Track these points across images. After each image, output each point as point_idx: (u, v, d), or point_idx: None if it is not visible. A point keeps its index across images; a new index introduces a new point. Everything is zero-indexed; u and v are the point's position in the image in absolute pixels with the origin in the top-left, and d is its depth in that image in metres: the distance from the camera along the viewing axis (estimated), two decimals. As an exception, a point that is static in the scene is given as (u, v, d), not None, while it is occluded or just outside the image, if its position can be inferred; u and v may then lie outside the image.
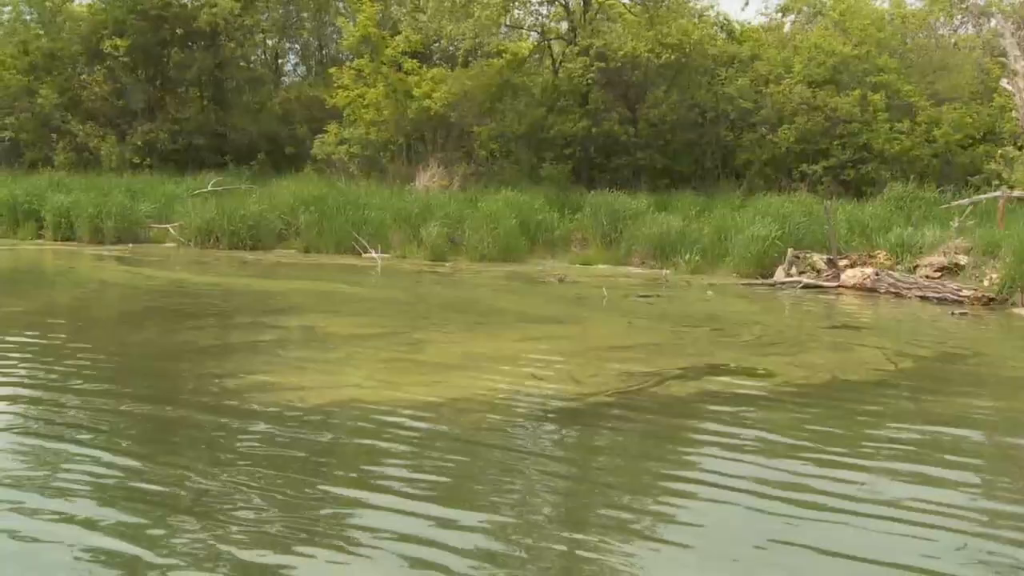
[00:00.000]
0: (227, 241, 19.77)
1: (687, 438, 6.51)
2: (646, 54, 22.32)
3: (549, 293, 14.81)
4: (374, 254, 18.76)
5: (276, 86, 32.89)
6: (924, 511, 5.12)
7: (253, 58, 33.04)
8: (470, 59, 25.94)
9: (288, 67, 35.87)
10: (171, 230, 20.84)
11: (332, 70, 27.03)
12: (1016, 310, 13.68)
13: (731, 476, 5.59)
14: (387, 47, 25.21)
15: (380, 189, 22.44)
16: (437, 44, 28.70)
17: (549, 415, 6.90)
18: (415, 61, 25.56)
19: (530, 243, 20.09)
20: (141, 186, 22.94)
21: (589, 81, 23.24)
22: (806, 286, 16.25)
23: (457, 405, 7.06)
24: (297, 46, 34.96)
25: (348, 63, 27.68)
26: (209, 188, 22.81)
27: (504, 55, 24.58)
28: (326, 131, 25.75)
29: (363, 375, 7.87)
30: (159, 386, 7.57)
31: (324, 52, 34.26)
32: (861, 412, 7.35)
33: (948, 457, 6.26)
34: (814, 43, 23.27)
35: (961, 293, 14.53)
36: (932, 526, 4.93)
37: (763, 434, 6.60)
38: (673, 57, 22.51)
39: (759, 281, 16.91)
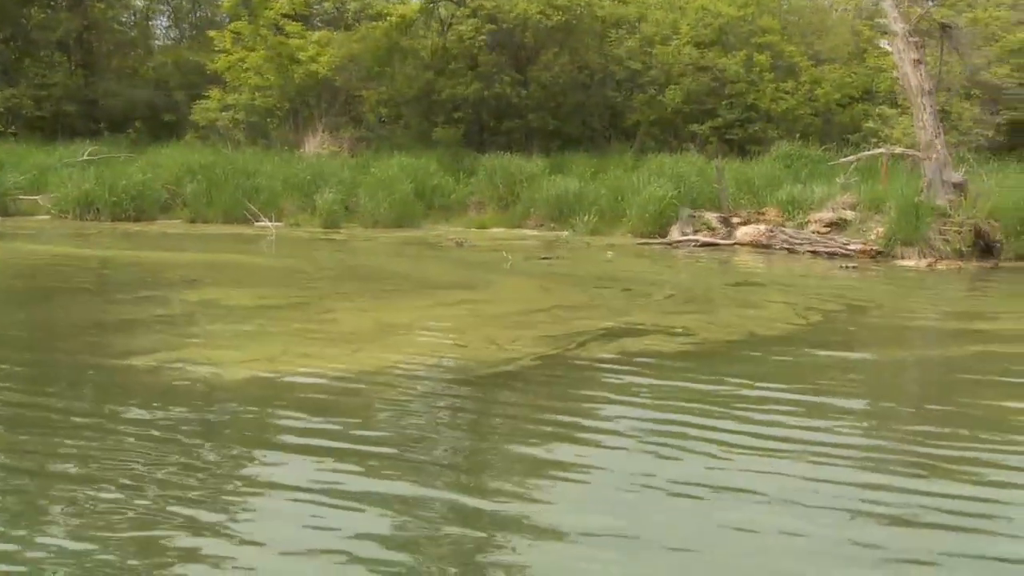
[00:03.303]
0: (108, 213, 18.83)
1: (609, 397, 6.47)
2: (536, 16, 22.20)
3: (451, 258, 14.65)
4: (267, 223, 18.20)
5: (148, 50, 31.47)
6: (824, 453, 5.29)
7: (124, 19, 31.50)
8: (355, 22, 25.33)
9: (159, 30, 34.36)
10: (39, 201, 19.70)
11: (211, 33, 25.97)
12: (900, 262, 14.24)
13: (651, 431, 5.61)
14: (267, 9, 24.36)
15: (269, 156, 21.74)
16: (319, 6, 27.95)
17: (473, 383, 6.76)
18: (298, 24, 24.80)
19: (425, 208, 19.87)
20: (5, 155, 21.54)
21: (479, 44, 22.99)
22: (702, 244, 16.55)
23: (379, 375, 6.84)
24: (169, 8, 33.49)
25: (226, 26, 26.67)
26: (85, 157, 21.67)
27: (390, 17, 24.08)
28: (207, 97, 24.79)
29: (277, 348, 7.56)
30: (57, 370, 7.09)
31: (198, 14, 32.95)
32: (780, 366, 7.48)
33: (855, 404, 6.44)
34: (700, 4, 23.56)
35: (850, 247, 15.03)
36: (825, 463, 5.12)
37: (685, 391, 6.63)
38: (563, 19, 22.46)
39: (656, 240, 17.13)
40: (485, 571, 3.91)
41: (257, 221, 18.47)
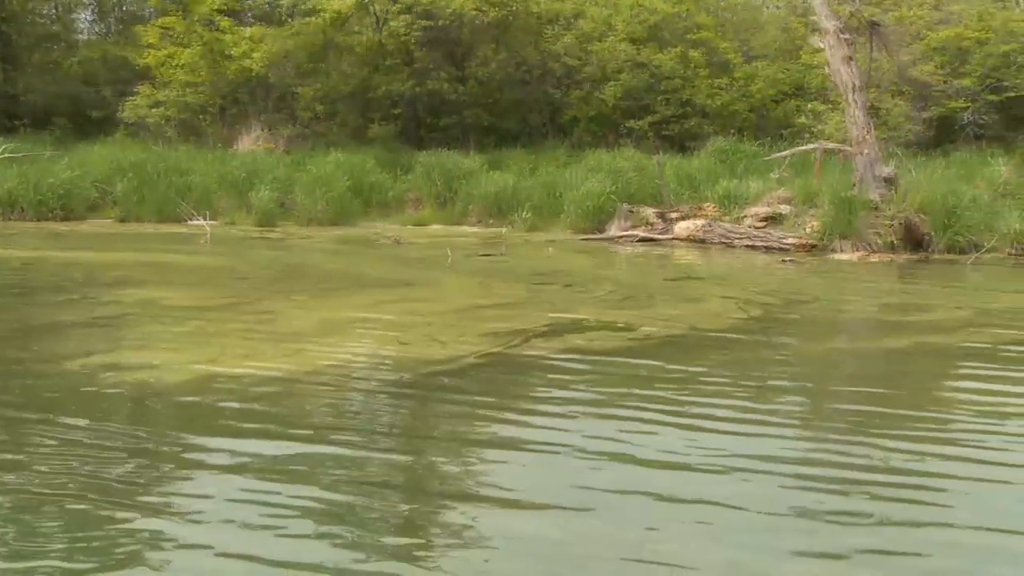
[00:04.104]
0: (33, 212, 18.32)
1: (554, 391, 6.46)
2: (472, 12, 22.12)
3: (390, 255, 14.52)
4: (201, 221, 17.86)
5: (72, 45, 30.61)
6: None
7: (45, 12, 30.61)
8: (288, 17, 25.00)
9: (83, 24, 33.43)
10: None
11: (140, 28, 25.39)
12: (835, 255, 14.48)
13: (595, 415, 5.60)
14: (199, 4, 23.90)
15: (202, 153, 21.34)
16: (252, 1, 27.53)
17: (417, 382, 6.68)
18: (231, 19, 24.39)
19: (363, 205, 19.70)
20: (-85, 153, 20.80)
21: (415, 40, 22.84)
22: (641, 239, 16.64)
23: (321, 374, 6.74)
24: (93, 1, 32.61)
25: (154, 20, 26.12)
26: (5, 155, 21.00)
27: (324, 13, 23.79)
28: (137, 93, 24.24)
29: (216, 349, 7.40)
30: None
31: (124, 8, 32.18)
32: (722, 358, 7.53)
33: (796, 392, 6.53)
34: (635, 1, 23.70)
35: (786, 241, 15.25)
36: (769, 443, 5.14)
37: (629, 381, 6.67)
38: (499, 15, 22.42)
39: (595, 236, 17.19)
40: (428, 539, 4.09)
41: (191, 220, 18.12)
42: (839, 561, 3.92)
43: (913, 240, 14.46)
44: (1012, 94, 20.79)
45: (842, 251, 14.51)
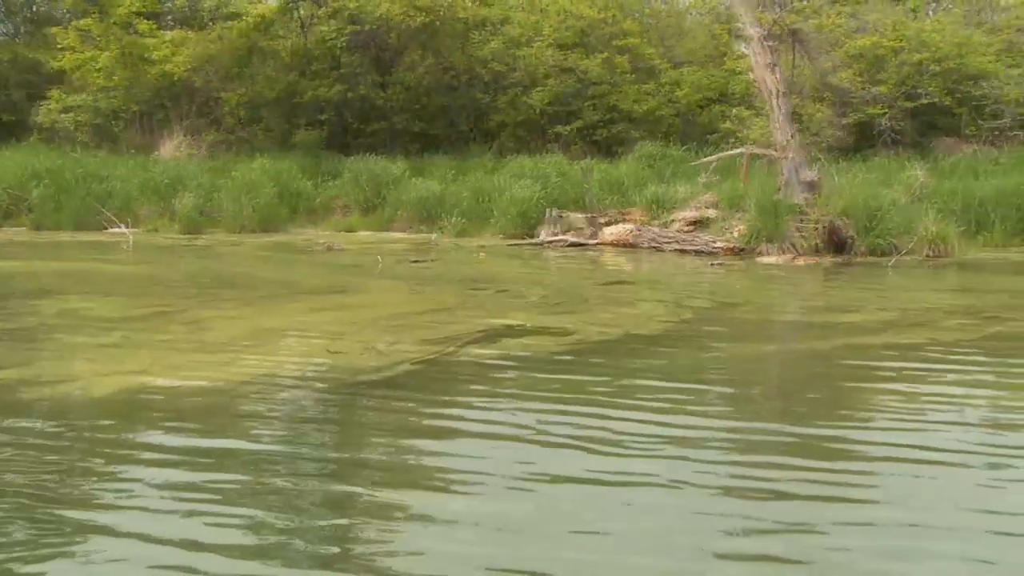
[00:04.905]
0: (-60, 220, 17.70)
1: (491, 398, 6.43)
2: (399, 17, 22.00)
3: (320, 262, 14.35)
4: (123, 229, 17.41)
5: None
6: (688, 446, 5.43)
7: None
8: (210, 21, 24.57)
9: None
10: None
11: (54, 30, 24.68)
12: (762, 259, 14.73)
13: (533, 424, 5.60)
14: (117, 6, 23.34)
15: (122, 159, 20.85)
16: (170, 3, 26.97)
17: (354, 388, 6.59)
18: (150, 23, 23.87)
19: (290, 212, 19.47)
20: None
21: (342, 45, 22.63)
22: (571, 244, 16.72)
23: (254, 384, 6.59)
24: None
25: (68, 23, 25.42)
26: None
27: (247, 17, 23.45)
28: (50, 97, 23.57)
29: (146, 360, 7.20)
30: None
31: (33, 9, 31.23)
32: (657, 361, 7.57)
33: (730, 394, 6.62)
34: (561, 7, 23.84)
35: (714, 245, 15.46)
36: (702, 447, 5.33)
37: (566, 387, 6.64)
38: (426, 20, 22.33)
39: (525, 241, 17.23)
40: (361, 525, 4.12)
41: (112, 227, 17.66)
42: (766, 537, 4.08)
43: (837, 243, 14.78)
44: (925, 101, 21.44)
45: (769, 254, 14.76)
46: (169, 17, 27.55)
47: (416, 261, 14.34)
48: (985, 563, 3.89)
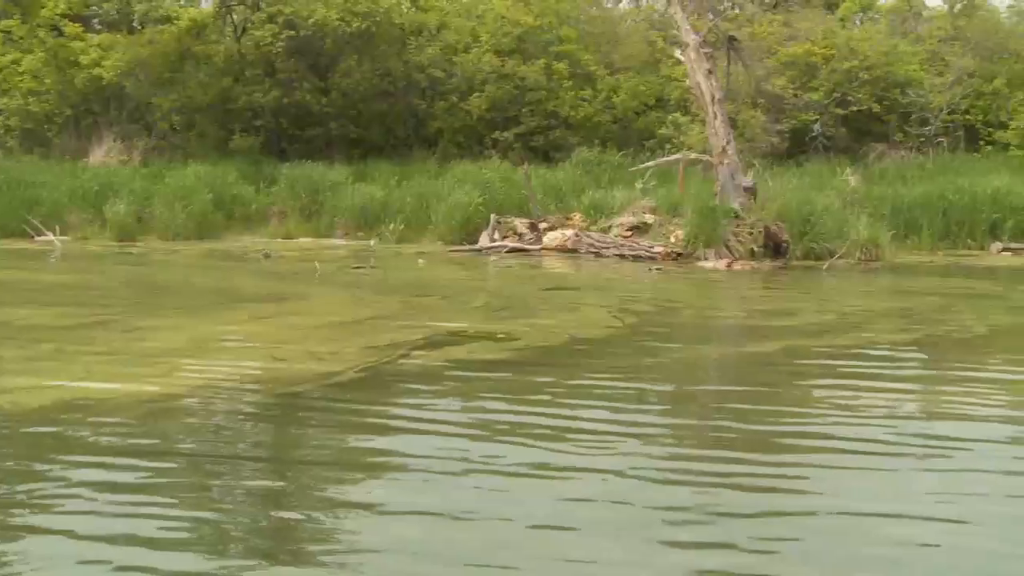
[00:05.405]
0: None
1: (437, 402, 6.46)
2: (336, 22, 21.83)
3: (258, 269, 14.16)
4: (51, 236, 16.97)
5: None
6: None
7: None
8: (141, 25, 24.12)
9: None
10: None
11: (-24, 31, 24.01)
12: (701, 263, 14.90)
13: (478, 423, 5.58)
14: (43, 8, 22.77)
15: (49, 165, 20.33)
16: (100, 7, 26.38)
17: (296, 395, 6.50)
18: (78, 26, 23.34)
19: (226, 219, 19.17)
20: None
21: (278, 50, 22.37)
22: (512, 250, 16.73)
23: (195, 394, 6.45)
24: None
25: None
26: None
27: (180, 21, 23.06)
28: (-28, 101, 22.92)
29: (81, 371, 7.01)
30: None
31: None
32: (601, 365, 7.61)
33: (673, 395, 6.69)
34: (499, 13, 23.88)
35: (654, 250, 15.60)
36: (646, 444, 5.46)
37: (511, 389, 6.72)
38: (362, 26, 22.18)
39: (466, 248, 17.19)
40: (295, 540, 4.08)
41: (39, 235, 17.20)
42: (709, 526, 4.18)
43: (773, 247, 15.03)
44: (856, 108, 21.95)
45: (707, 259, 14.93)
46: (96, 20, 26.95)
47: (356, 268, 14.23)
48: (925, 546, 4.05)
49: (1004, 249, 16.45)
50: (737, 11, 23.76)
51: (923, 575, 3.82)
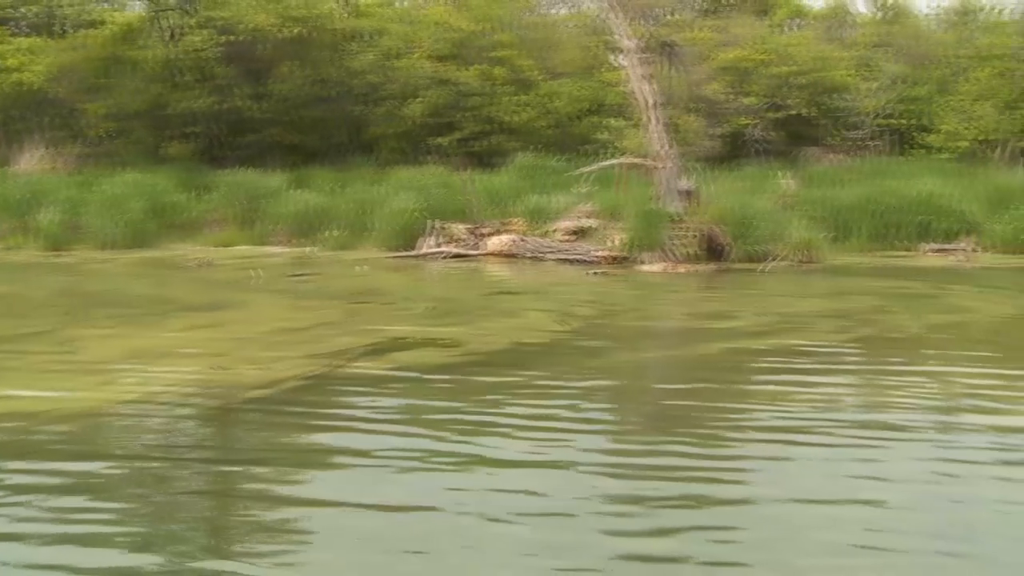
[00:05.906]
0: None
1: (384, 404, 6.43)
2: (271, 27, 21.56)
3: (195, 278, 13.90)
4: (-23, 247, 16.52)
5: None
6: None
7: None
8: (69, 29, 23.58)
9: None
10: None
11: None
12: (641, 267, 14.99)
13: (429, 421, 5.57)
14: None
15: (-27, 174, 19.77)
16: (22, 9, 25.70)
17: (239, 403, 6.40)
18: (3, 28, 22.75)
19: (161, 227, 18.77)
20: None
21: (214, 56, 22.02)
22: (452, 256, 16.65)
23: (135, 405, 6.33)
24: None
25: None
26: None
27: (110, 26, 22.58)
28: None
29: (15, 383, 6.83)
30: None
31: None
32: (547, 369, 7.61)
33: (618, 394, 6.75)
34: (436, 19, 23.81)
35: (595, 254, 15.65)
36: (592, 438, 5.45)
37: (459, 391, 6.76)
38: (299, 31, 21.94)
39: (405, 253, 17.07)
40: (244, 538, 4.18)
41: (-35, 246, 16.74)
42: (658, 538, 4.21)
43: (713, 250, 15.18)
44: (791, 112, 22.31)
45: (648, 262, 15.02)
46: (23, 23, 26.28)
47: (296, 275, 14.05)
48: (866, 531, 4.22)
49: (933, 250, 16.83)
50: (674, 16, 23.99)
51: (863, 558, 3.97)
